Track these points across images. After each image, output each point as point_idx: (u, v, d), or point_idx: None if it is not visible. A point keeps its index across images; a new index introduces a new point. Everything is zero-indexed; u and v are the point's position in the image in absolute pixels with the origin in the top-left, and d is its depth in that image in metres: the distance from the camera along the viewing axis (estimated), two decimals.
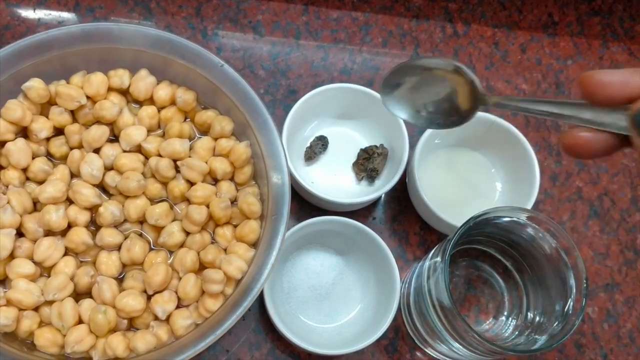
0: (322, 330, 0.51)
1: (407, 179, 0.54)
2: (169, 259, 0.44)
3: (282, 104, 0.58)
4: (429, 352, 0.51)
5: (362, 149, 0.55)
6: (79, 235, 0.42)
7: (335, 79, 0.59)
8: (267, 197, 0.44)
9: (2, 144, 0.44)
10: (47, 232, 0.43)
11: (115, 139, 0.46)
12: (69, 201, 0.44)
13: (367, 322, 0.50)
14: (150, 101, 0.47)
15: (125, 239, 0.44)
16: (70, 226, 0.43)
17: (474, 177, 0.56)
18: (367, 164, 0.54)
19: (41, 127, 0.44)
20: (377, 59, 0.60)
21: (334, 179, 0.55)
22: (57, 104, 0.45)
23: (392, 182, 0.50)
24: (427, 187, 0.51)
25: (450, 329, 0.43)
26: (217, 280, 0.41)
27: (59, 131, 0.46)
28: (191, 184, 0.45)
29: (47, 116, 0.45)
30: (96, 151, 0.45)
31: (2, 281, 0.43)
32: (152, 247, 0.45)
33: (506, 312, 0.50)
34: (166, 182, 0.45)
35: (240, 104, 0.45)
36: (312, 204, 0.54)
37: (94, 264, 0.44)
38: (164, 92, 0.46)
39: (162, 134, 0.47)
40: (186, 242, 0.44)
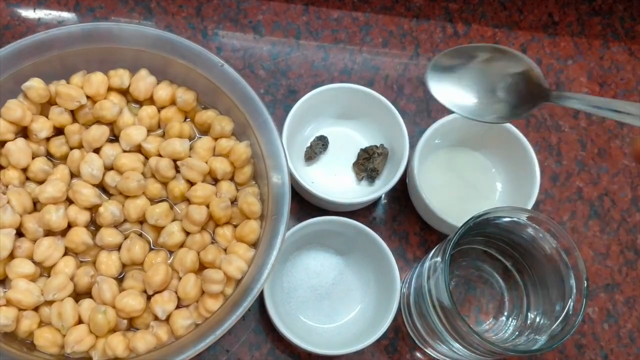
0: (322, 330, 0.51)
1: (407, 179, 0.54)
2: (169, 259, 0.44)
3: (282, 104, 0.58)
4: (429, 352, 0.51)
5: (362, 149, 0.55)
6: (79, 235, 0.42)
7: (335, 79, 0.59)
8: (267, 197, 0.44)
9: (2, 144, 0.44)
10: (47, 232, 0.43)
11: (115, 139, 0.46)
12: (69, 201, 0.44)
13: (367, 322, 0.50)
14: (150, 101, 0.47)
15: (125, 239, 0.44)
16: (70, 226, 0.43)
17: (474, 177, 0.55)
18: (367, 164, 0.54)
19: (41, 127, 0.44)
20: (378, 59, 0.60)
21: (334, 179, 0.55)
22: (57, 103, 0.45)
23: (392, 182, 0.50)
24: (427, 187, 0.51)
25: (450, 329, 0.43)
26: (217, 280, 0.41)
27: (59, 131, 0.46)
28: (191, 184, 0.45)
29: (47, 116, 0.45)
30: (96, 151, 0.45)
31: (2, 281, 0.43)
32: (152, 247, 0.45)
33: (506, 313, 0.50)
34: (166, 182, 0.45)
35: (240, 104, 0.45)
36: (312, 204, 0.54)
37: (94, 264, 0.44)
38: (164, 92, 0.46)
39: (162, 134, 0.47)
40: (186, 242, 0.44)
